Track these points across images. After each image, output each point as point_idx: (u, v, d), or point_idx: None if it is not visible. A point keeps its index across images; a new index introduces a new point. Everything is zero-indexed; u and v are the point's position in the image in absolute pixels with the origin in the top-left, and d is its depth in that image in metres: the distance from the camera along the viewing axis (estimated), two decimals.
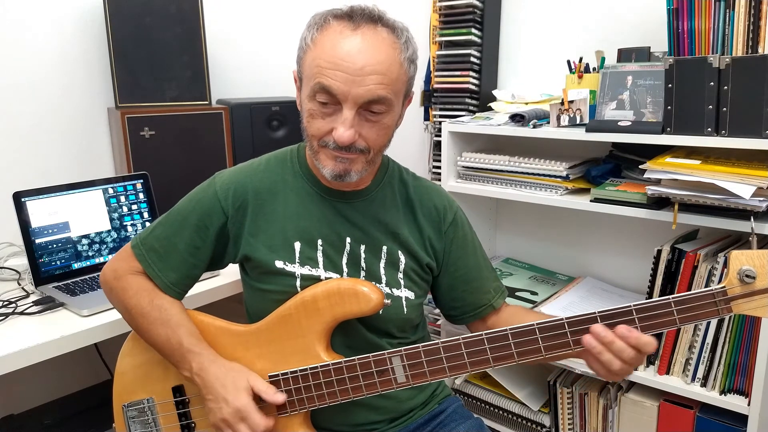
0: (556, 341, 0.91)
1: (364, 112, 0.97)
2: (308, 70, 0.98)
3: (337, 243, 1.09)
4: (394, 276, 1.11)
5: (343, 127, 0.95)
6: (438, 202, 1.17)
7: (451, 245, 1.16)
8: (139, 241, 1.11)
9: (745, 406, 1.37)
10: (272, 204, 1.10)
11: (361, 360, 0.99)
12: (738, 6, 1.29)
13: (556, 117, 1.59)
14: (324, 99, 0.96)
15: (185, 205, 1.11)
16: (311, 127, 1.00)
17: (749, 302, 0.85)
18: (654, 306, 0.88)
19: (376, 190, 1.13)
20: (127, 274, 1.10)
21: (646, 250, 1.66)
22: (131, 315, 1.09)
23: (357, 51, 0.94)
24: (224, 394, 0.98)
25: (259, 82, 2.04)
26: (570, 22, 1.82)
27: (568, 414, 1.68)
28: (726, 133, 1.31)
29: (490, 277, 1.21)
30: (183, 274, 1.10)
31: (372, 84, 0.94)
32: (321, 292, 1.03)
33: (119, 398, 1.13)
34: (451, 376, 0.98)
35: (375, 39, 0.96)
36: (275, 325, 1.05)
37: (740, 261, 0.86)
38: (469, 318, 1.20)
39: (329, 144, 0.99)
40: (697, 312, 0.87)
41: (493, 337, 0.93)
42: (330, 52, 0.95)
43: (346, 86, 0.94)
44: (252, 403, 0.97)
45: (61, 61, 1.70)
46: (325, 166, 1.01)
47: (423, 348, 0.96)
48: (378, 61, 0.95)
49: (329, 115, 0.97)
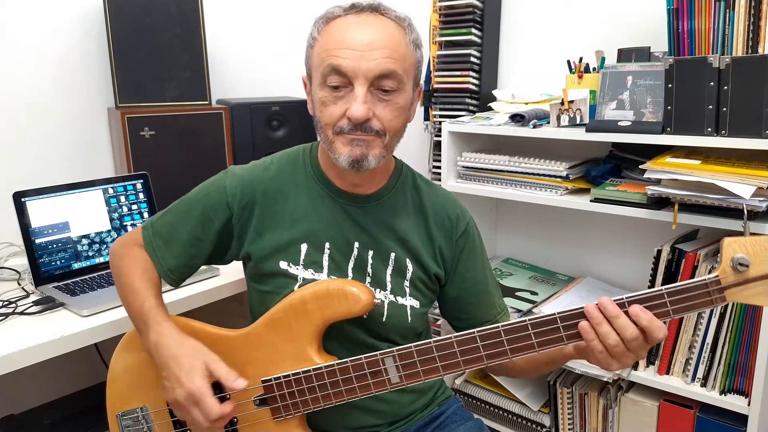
0: (549, 336, 0.90)
1: (375, 91, 0.97)
2: (317, 59, 0.99)
3: (345, 247, 1.08)
4: (400, 284, 1.10)
5: (356, 103, 0.95)
6: (451, 210, 1.15)
7: (460, 255, 1.15)
8: (150, 223, 1.13)
9: (745, 406, 1.37)
10: (282, 204, 1.09)
11: (354, 362, 0.97)
12: (738, 6, 1.29)
13: (556, 117, 1.59)
14: (336, 81, 0.96)
15: (194, 196, 1.12)
16: (324, 115, 0.99)
17: (743, 290, 0.83)
18: (647, 297, 0.87)
19: (389, 196, 1.11)
20: (134, 244, 1.13)
21: (646, 250, 1.66)
22: (121, 275, 1.10)
23: (364, 29, 0.97)
24: (178, 374, 0.93)
25: (259, 82, 2.05)
26: (570, 22, 1.82)
27: (568, 414, 1.68)
28: (726, 133, 1.31)
29: (496, 294, 1.20)
30: (182, 262, 1.10)
31: (381, 57, 0.95)
32: (309, 293, 1.02)
33: (113, 406, 1.12)
34: (445, 375, 0.97)
35: (379, 20, 0.99)
36: (265, 329, 1.04)
37: (733, 249, 0.83)
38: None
39: (344, 128, 0.98)
40: (691, 302, 0.85)
41: (485, 334, 0.92)
42: (337, 36, 0.97)
43: (356, 62, 0.94)
44: (206, 387, 0.92)
45: (61, 61, 1.70)
46: (342, 154, 0.99)
47: (416, 348, 0.94)
48: (385, 36, 0.97)
49: (341, 98, 0.97)
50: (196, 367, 0.93)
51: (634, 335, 0.86)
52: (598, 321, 0.87)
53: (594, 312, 0.87)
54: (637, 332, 0.86)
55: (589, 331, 0.88)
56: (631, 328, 0.86)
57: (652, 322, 0.86)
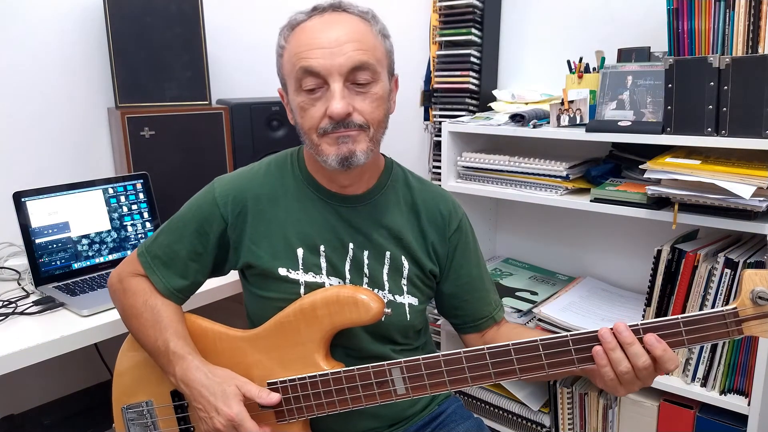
0: (560, 358, 0.89)
1: (351, 85, 0.97)
2: (288, 66, 1.00)
3: (340, 249, 1.08)
4: (397, 282, 1.10)
5: (334, 100, 0.95)
6: (443, 207, 1.15)
7: (454, 252, 1.15)
8: (144, 249, 1.11)
9: (745, 406, 1.37)
10: (273, 210, 1.08)
11: (361, 371, 0.97)
12: (738, 6, 1.29)
13: (556, 117, 1.59)
14: (311, 84, 0.96)
15: (185, 212, 1.11)
16: (306, 120, 0.99)
17: (762, 324, 0.82)
18: (663, 325, 0.86)
19: (380, 194, 1.11)
20: (130, 276, 1.11)
21: (646, 250, 1.66)
22: (127, 315, 1.09)
23: (329, 27, 0.97)
24: (214, 403, 0.95)
25: (259, 82, 2.04)
26: (570, 22, 1.82)
27: (568, 414, 1.68)
28: (726, 133, 1.31)
29: (491, 290, 1.20)
30: (186, 279, 1.10)
31: (350, 51, 0.95)
32: (320, 299, 1.01)
33: (118, 399, 1.13)
34: (452, 389, 0.96)
35: (342, 17, 0.99)
36: (274, 332, 1.04)
37: (753, 281, 0.82)
38: (469, 328, 1.19)
39: (327, 128, 0.97)
40: (707, 333, 0.84)
41: (495, 351, 0.90)
42: (304, 39, 0.98)
43: (327, 60, 0.95)
44: (244, 411, 0.95)
45: (61, 61, 1.70)
46: (329, 155, 0.98)
47: (423, 360, 0.94)
48: (351, 30, 0.97)
49: (319, 99, 0.97)
50: (231, 393, 0.96)
51: (646, 364, 0.85)
52: (612, 346, 0.86)
53: (608, 337, 0.86)
54: (649, 361, 0.86)
55: (603, 357, 0.87)
56: (644, 357, 0.85)
57: (666, 352, 0.85)
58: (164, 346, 1.02)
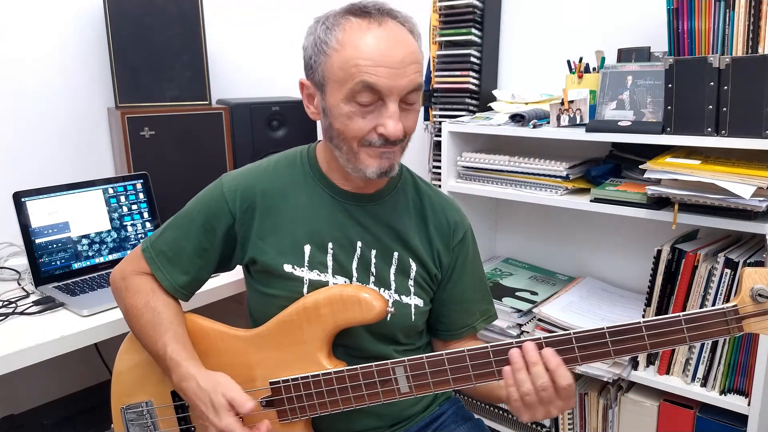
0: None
1: (401, 103, 0.97)
2: (340, 72, 0.95)
3: (348, 247, 1.08)
4: (404, 283, 1.10)
5: (392, 121, 0.95)
6: (451, 216, 1.15)
7: (456, 262, 1.15)
8: (149, 244, 1.11)
9: (745, 406, 1.37)
10: (282, 206, 1.08)
11: (364, 369, 0.97)
12: (738, 6, 1.29)
13: (556, 117, 1.59)
14: (367, 99, 0.95)
15: (192, 207, 1.11)
16: (351, 128, 0.97)
17: (762, 321, 0.83)
18: (664, 323, 0.86)
19: (390, 196, 1.11)
20: (133, 274, 1.11)
21: (646, 250, 1.66)
22: (129, 315, 1.09)
23: (393, 45, 0.95)
24: (207, 413, 0.96)
25: (259, 82, 2.05)
26: (570, 22, 1.82)
27: (568, 414, 1.68)
28: (726, 133, 1.31)
29: (484, 300, 1.20)
30: (192, 276, 1.10)
31: (412, 74, 0.96)
32: (323, 298, 1.01)
33: (118, 399, 1.12)
34: (456, 388, 0.96)
35: (400, 31, 0.97)
36: (276, 330, 1.04)
37: (753, 279, 0.83)
38: (447, 335, 1.18)
39: (374, 142, 0.97)
40: (708, 330, 0.85)
41: (498, 350, 0.91)
42: (365, 49, 0.93)
43: (391, 80, 0.94)
44: (234, 421, 0.95)
45: (61, 61, 1.70)
46: (369, 166, 0.99)
47: (427, 359, 0.94)
48: (412, 51, 0.97)
49: (370, 113, 0.96)
50: (219, 404, 0.96)
51: (545, 385, 0.86)
52: (518, 367, 0.88)
53: (516, 357, 0.88)
54: (548, 382, 0.86)
55: (510, 376, 0.89)
56: (544, 378, 0.86)
57: (559, 368, 0.86)
58: (163, 350, 1.02)
